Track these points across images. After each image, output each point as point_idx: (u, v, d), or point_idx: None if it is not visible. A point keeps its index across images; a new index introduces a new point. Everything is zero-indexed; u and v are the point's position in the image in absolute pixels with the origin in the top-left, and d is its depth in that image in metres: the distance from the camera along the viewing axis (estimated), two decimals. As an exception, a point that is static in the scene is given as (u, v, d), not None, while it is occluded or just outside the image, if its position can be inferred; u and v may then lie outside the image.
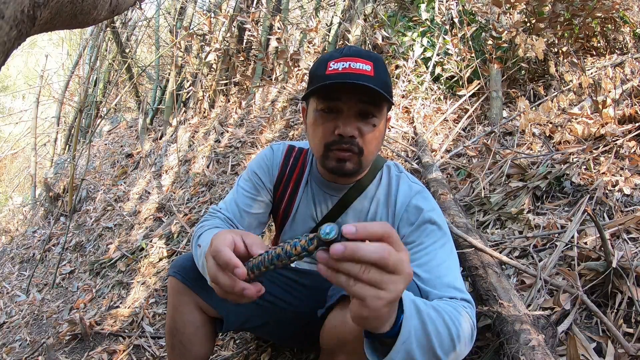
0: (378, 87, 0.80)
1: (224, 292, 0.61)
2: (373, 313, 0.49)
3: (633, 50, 2.82)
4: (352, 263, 0.47)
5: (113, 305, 2.26)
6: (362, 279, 0.47)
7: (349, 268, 0.47)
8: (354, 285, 0.47)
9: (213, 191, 3.04)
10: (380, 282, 0.48)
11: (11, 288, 3.15)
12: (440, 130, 2.68)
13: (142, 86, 6.87)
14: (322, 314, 0.85)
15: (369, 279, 0.47)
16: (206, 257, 0.63)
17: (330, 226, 0.47)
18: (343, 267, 0.47)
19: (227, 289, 0.59)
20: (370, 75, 0.81)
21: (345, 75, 0.81)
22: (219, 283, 0.60)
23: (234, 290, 0.58)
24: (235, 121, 4.06)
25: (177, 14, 5.26)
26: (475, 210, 1.75)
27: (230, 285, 0.58)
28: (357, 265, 0.47)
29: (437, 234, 0.84)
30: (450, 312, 0.65)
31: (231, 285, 0.58)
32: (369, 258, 0.46)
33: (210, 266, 0.61)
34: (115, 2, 0.70)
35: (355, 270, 0.47)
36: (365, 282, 0.47)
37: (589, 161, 1.66)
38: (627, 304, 1.01)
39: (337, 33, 4.08)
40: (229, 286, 0.59)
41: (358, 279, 0.47)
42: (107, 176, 4.63)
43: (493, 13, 2.97)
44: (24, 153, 8.28)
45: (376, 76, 0.82)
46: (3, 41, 0.42)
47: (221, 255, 0.59)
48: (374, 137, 0.87)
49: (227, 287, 0.59)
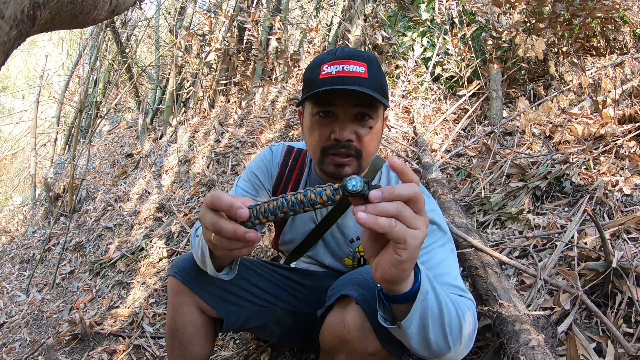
0: (372, 88, 0.80)
1: (227, 241, 0.57)
2: (410, 255, 0.52)
3: (633, 50, 2.82)
4: (389, 203, 0.50)
5: (113, 305, 2.26)
6: (404, 215, 0.50)
7: (388, 207, 0.49)
8: (395, 227, 0.50)
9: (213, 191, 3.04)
10: (417, 219, 0.51)
11: (11, 288, 3.15)
12: (440, 130, 2.68)
13: (142, 86, 6.87)
14: (321, 314, 0.86)
15: (408, 215, 0.50)
16: (201, 216, 0.60)
17: (356, 179, 0.50)
18: (386, 208, 0.49)
19: (230, 234, 0.56)
20: (364, 77, 0.81)
21: (339, 79, 0.81)
22: (221, 229, 0.56)
23: (236, 234, 0.55)
24: (235, 121, 4.06)
25: (177, 14, 5.26)
26: (475, 210, 1.74)
27: (233, 230, 0.55)
28: (393, 203, 0.50)
29: (437, 234, 0.84)
30: (457, 301, 0.68)
31: (233, 230, 0.55)
32: (406, 194, 0.50)
33: (208, 218, 0.57)
34: (115, 2, 0.70)
35: (393, 208, 0.50)
36: (406, 220, 0.50)
37: (589, 161, 1.66)
38: (627, 304, 1.01)
39: (337, 33, 4.07)
40: (231, 231, 0.55)
41: (399, 217, 0.50)
42: (107, 176, 4.63)
43: (493, 13, 2.96)
44: (24, 153, 8.28)
45: (370, 77, 0.82)
46: (3, 41, 0.42)
47: (222, 199, 0.56)
48: (372, 138, 0.87)
49: (229, 233, 0.55)
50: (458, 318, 0.65)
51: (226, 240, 0.57)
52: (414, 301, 0.59)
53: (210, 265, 0.82)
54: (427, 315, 0.60)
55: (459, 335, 0.64)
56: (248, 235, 0.55)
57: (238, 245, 0.58)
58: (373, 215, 0.49)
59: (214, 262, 0.82)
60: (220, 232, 0.56)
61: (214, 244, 0.60)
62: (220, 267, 0.85)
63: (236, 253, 0.60)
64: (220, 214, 0.57)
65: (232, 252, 0.60)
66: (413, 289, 0.58)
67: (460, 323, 0.65)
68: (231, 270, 0.87)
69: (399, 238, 0.50)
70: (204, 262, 0.84)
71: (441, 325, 0.62)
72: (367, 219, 0.49)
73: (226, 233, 0.56)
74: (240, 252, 0.60)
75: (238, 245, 0.58)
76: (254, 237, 0.56)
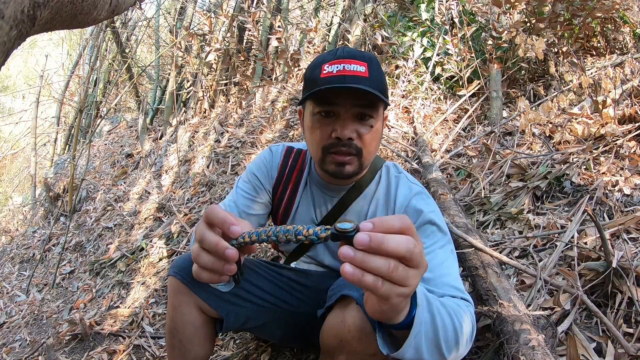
0: (373, 87, 0.80)
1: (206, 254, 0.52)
2: (393, 308, 0.49)
3: (633, 50, 2.82)
4: (379, 258, 0.44)
5: (113, 305, 2.26)
6: (394, 277, 0.44)
7: (378, 265, 0.44)
8: (382, 287, 0.44)
9: (213, 191, 3.04)
10: (406, 278, 0.45)
11: (11, 288, 3.15)
12: (440, 130, 2.68)
13: (142, 86, 6.87)
14: (321, 314, 0.86)
15: (397, 276, 0.44)
16: (196, 227, 0.56)
17: (347, 223, 0.45)
18: (372, 264, 0.43)
19: (212, 246, 0.51)
20: (365, 77, 0.81)
21: (341, 78, 0.81)
22: (204, 239, 0.52)
23: (217, 247, 0.51)
24: (235, 121, 4.06)
25: (177, 14, 5.26)
26: (475, 210, 1.74)
27: (215, 242, 0.51)
28: (384, 260, 0.44)
29: (437, 235, 0.85)
30: (454, 309, 0.66)
31: (215, 242, 0.51)
32: (397, 251, 0.44)
33: (199, 228, 0.54)
34: (115, 2, 0.70)
35: (385, 267, 0.44)
36: (394, 280, 0.45)
37: (589, 161, 1.66)
38: (627, 304, 1.01)
39: (337, 33, 4.07)
40: (214, 243, 0.51)
41: (389, 278, 0.44)
42: (107, 176, 4.63)
43: (493, 13, 2.97)
44: (24, 153, 8.27)
45: (371, 76, 0.82)
46: (3, 41, 0.42)
47: (217, 212, 0.52)
48: (372, 138, 0.87)
49: (212, 244, 0.51)
50: (455, 331, 0.63)
51: (205, 253, 0.52)
52: (409, 329, 0.56)
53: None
54: (420, 344, 0.59)
55: (455, 347, 0.64)
56: (228, 252, 0.51)
57: (216, 263, 0.52)
58: (360, 271, 0.44)
59: None
60: (203, 242, 0.52)
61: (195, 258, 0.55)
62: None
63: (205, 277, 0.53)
64: (214, 228, 0.53)
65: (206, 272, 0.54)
66: (406, 320, 0.56)
67: (456, 335, 0.63)
68: (228, 282, 0.79)
69: (383, 297, 0.46)
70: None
71: (437, 345, 0.61)
72: (353, 276, 0.44)
73: (208, 244, 0.51)
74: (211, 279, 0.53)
75: (216, 265, 0.52)
76: (232, 255, 0.51)
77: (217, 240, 0.51)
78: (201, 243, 0.52)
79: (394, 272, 0.44)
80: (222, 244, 0.51)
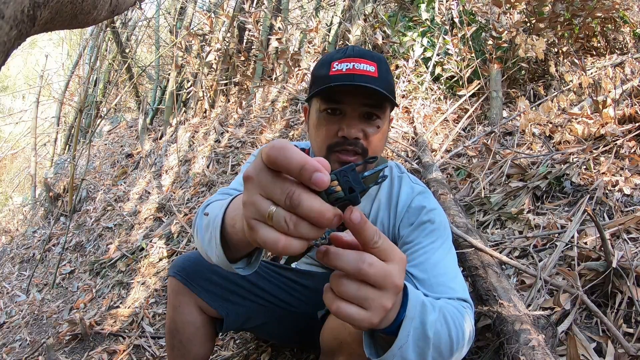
0: (382, 88, 0.80)
1: (304, 224, 0.37)
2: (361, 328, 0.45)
3: (633, 50, 2.82)
4: (335, 277, 0.42)
5: (113, 305, 2.26)
6: (343, 296, 0.42)
7: (332, 282, 0.42)
8: (338, 307, 0.42)
9: (213, 191, 3.04)
10: (364, 299, 0.41)
11: (11, 288, 3.15)
12: (440, 130, 2.68)
13: (142, 86, 6.87)
14: (322, 315, 0.86)
15: (348, 294, 0.41)
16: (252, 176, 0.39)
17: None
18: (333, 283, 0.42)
19: (315, 214, 0.36)
20: (374, 77, 0.81)
21: (350, 76, 0.80)
22: (301, 204, 0.36)
23: (324, 216, 0.37)
24: (236, 121, 4.06)
25: (177, 14, 5.26)
26: (475, 210, 1.74)
27: (319, 209, 0.37)
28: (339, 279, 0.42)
29: (436, 234, 0.84)
30: (453, 315, 0.64)
31: (319, 209, 0.37)
32: (345, 267, 0.41)
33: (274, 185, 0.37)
34: (115, 2, 0.70)
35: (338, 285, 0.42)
36: (346, 299, 0.42)
37: (589, 161, 1.66)
38: (627, 304, 1.01)
39: (337, 33, 4.08)
40: (317, 210, 0.36)
41: (339, 296, 0.42)
42: (107, 176, 4.63)
43: (493, 13, 2.97)
44: (24, 153, 8.27)
45: (380, 77, 0.81)
46: (3, 41, 0.42)
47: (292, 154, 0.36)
48: (378, 138, 0.86)
49: (314, 211, 0.36)
50: (450, 340, 0.60)
51: (304, 223, 0.37)
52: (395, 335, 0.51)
53: (222, 255, 0.57)
54: (407, 355, 0.53)
55: (449, 356, 0.61)
56: (354, 216, 0.38)
57: (313, 232, 0.38)
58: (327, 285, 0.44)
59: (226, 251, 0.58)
60: (299, 209, 0.36)
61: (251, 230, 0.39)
62: (234, 259, 0.60)
63: (298, 246, 0.38)
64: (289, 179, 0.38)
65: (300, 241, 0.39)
66: (393, 327, 0.51)
67: (451, 344, 0.60)
68: (250, 264, 0.60)
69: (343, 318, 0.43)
70: (213, 249, 0.59)
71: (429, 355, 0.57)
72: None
73: (308, 211, 0.36)
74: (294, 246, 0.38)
75: (313, 234, 0.38)
76: (358, 218, 0.39)
77: (321, 204, 0.37)
78: (296, 209, 0.36)
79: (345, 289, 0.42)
80: (330, 212, 0.37)
